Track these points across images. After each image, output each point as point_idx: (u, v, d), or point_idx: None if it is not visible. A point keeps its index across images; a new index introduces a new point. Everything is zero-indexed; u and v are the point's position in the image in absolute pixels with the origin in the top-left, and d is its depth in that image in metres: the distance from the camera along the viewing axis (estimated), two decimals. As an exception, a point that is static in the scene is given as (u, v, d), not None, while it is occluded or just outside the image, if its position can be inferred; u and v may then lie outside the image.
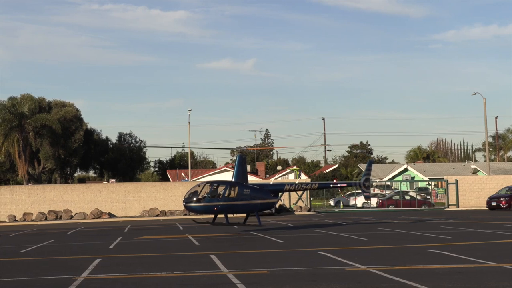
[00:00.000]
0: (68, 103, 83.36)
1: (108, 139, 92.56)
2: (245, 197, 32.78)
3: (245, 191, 32.84)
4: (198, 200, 31.87)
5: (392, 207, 57.59)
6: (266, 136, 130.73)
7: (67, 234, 35.58)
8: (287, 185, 36.84)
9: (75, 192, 54.37)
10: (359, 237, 27.27)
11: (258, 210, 34.00)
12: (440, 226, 33.30)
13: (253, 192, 33.27)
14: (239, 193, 32.60)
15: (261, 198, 33.49)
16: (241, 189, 32.73)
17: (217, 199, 32.09)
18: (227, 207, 32.43)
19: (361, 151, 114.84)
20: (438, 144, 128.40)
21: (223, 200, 32.14)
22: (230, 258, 20.22)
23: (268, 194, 34.13)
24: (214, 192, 32.24)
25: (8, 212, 52.58)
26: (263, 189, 34.47)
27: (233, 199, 32.47)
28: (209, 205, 31.94)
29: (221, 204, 32.09)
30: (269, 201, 34.21)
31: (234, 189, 32.61)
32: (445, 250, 20.98)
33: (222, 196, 32.23)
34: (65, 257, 22.83)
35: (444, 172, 79.74)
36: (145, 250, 24.19)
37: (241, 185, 32.96)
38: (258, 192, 33.59)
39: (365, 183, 36.33)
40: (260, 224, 33.48)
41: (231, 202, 32.39)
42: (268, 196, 34.08)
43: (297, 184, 37.08)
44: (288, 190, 37.22)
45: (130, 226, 40.65)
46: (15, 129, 71.54)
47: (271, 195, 34.34)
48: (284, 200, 56.35)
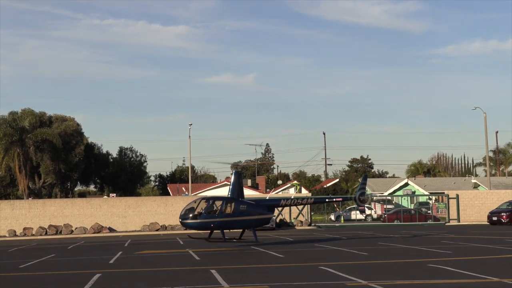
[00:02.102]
0: (68, 117, 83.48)
1: (109, 154, 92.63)
2: (241, 213, 32.62)
3: (242, 207, 32.70)
4: (195, 217, 31.68)
5: (398, 221, 57.52)
6: (266, 151, 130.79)
7: (67, 248, 35.50)
8: (283, 200, 36.80)
9: (75, 207, 54.29)
10: (360, 252, 27.21)
11: (254, 226, 33.94)
12: (441, 241, 33.21)
13: (250, 207, 33.17)
14: (236, 209, 32.47)
15: (257, 214, 33.41)
16: (237, 205, 32.60)
17: (214, 215, 31.96)
18: (223, 223, 32.26)
19: (362, 166, 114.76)
20: (439, 158, 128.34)
21: (220, 216, 32.00)
22: (230, 273, 20.16)
23: (264, 209, 34.06)
24: (211, 208, 32.14)
25: (8, 227, 52.46)
26: (259, 204, 34.43)
27: (230, 215, 32.32)
28: (205, 221, 31.79)
29: (217, 220, 31.94)
30: (265, 216, 34.13)
31: (231, 205, 32.50)
32: (446, 265, 20.92)
33: (219, 212, 32.11)
34: (65, 272, 22.76)
35: (445, 187, 79.60)
36: (145, 265, 24.13)
37: (237, 201, 32.84)
38: (254, 207, 33.50)
39: (361, 197, 36.12)
40: (256, 240, 33.36)
41: (227, 218, 32.22)
42: (265, 211, 34.01)
43: (293, 199, 37.09)
44: (284, 205, 37.17)
45: (131, 241, 40.56)
46: (15, 144, 71.56)
47: (267, 210, 34.29)
48: (284, 215, 56.24)
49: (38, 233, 51.42)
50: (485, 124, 66.60)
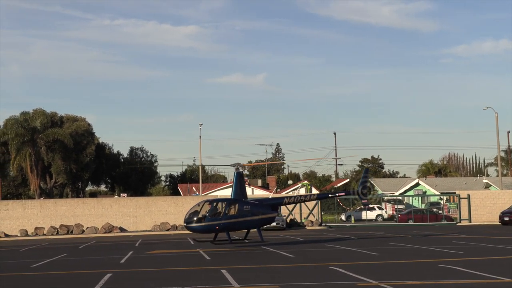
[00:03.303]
0: (80, 117, 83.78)
1: (120, 154, 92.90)
2: (245, 214, 32.59)
3: (245, 208, 32.65)
4: (199, 220, 31.64)
5: (411, 221, 57.39)
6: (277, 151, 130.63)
7: (79, 248, 35.64)
8: (286, 198, 36.75)
9: (86, 207, 54.49)
10: (371, 252, 27.15)
11: (259, 226, 33.94)
12: (452, 241, 33.10)
13: (253, 208, 33.13)
14: (240, 210, 32.41)
15: (261, 214, 33.36)
16: (241, 205, 32.54)
17: (218, 218, 31.89)
18: (228, 225, 32.24)
19: (372, 166, 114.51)
20: (450, 158, 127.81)
21: (224, 218, 31.95)
22: (241, 273, 20.17)
23: (268, 208, 33.98)
24: (215, 211, 32.05)
25: (20, 226, 52.73)
26: (262, 204, 34.42)
27: (234, 217, 32.27)
28: (210, 224, 31.73)
29: (222, 222, 31.90)
30: (269, 215, 34.02)
31: (235, 206, 32.44)
32: (457, 266, 20.84)
33: (223, 214, 32.06)
34: (76, 271, 22.85)
35: (456, 187, 79.26)
36: (156, 265, 24.18)
37: (241, 201, 32.77)
38: (258, 207, 33.46)
39: (363, 191, 35.99)
40: (262, 240, 33.37)
41: (232, 219, 32.18)
42: (269, 210, 33.93)
43: (295, 196, 37.12)
44: (287, 203, 37.06)
45: (141, 241, 40.66)
46: (27, 144, 71.87)
47: (271, 209, 34.20)
48: (295, 215, 56.20)
49: (49, 232, 51.65)
50: (496, 124, 66.34)
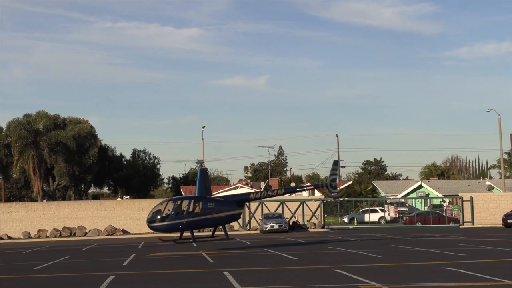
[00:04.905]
0: (82, 120, 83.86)
1: (122, 156, 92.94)
2: (210, 211, 32.17)
3: (210, 205, 32.25)
4: (162, 219, 31.27)
5: (420, 223, 57.39)
6: (279, 153, 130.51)
7: (81, 250, 35.65)
8: (252, 194, 36.22)
9: (89, 209, 54.52)
10: (374, 254, 27.12)
11: (224, 223, 33.57)
12: (455, 244, 33.05)
13: (218, 205, 32.69)
14: (204, 208, 32.02)
15: (227, 211, 32.89)
16: (205, 203, 32.14)
17: (181, 216, 31.54)
18: (192, 223, 31.86)
19: (375, 168, 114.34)
20: (453, 161, 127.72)
21: (187, 216, 31.60)
22: (244, 275, 20.16)
23: (233, 205, 33.50)
24: (178, 209, 31.69)
25: (22, 229, 52.78)
26: (227, 200, 34.01)
27: (198, 215, 31.89)
28: (173, 223, 31.37)
29: (185, 220, 31.54)
30: (235, 212, 33.48)
31: (198, 204, 32.05)
32: (460, 268, 20.81)
33: (186, 212, 31.67)
34: (79, 274, 22.86)
35: (459, 189, 79.19)
36: (159, 267, 24.18)
37: (204, 199, 32.33)
38: (223, 204, 33.03)
39: (332, 183, 35.46)
40: (227, 237, 33.21)
41: (196, 217, 31.83)
42: (234, 207, 33.43)
43: (262, 191, 36.37)
44: (254, 199, 36.49)
45: (144, 243, 40.67)
46: (30, 146, 71.96)
47: (236, 206, 33.68)
48: (297, 217, 56.20)
49: (52, 235, 51.69)
50: (499, 126, 66.24)
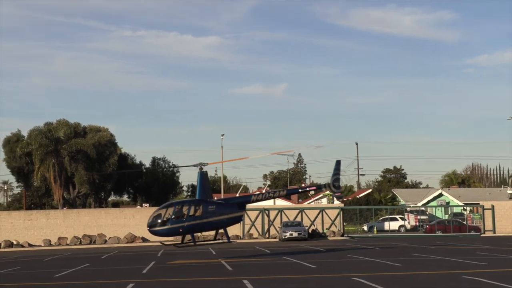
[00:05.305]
0: (102, 128, 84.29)
1: (142, 164, 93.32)
2: (210, 214, 31.89)
3: (210, 208, 31.97)
4: (163, 223, 31.16)
5: (440, 232, 57.02)
6: (299, 161, 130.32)
7: (101, 258, 35.80)
8: (253, 196, 36.00)
9: (109, 217, 54.76)
10: (394, 263, 26.95)
11: (225, 226, 33.06)
12: (476, 252, 32.75)
13: (219, 208, 32.43)
14: (204, 211, 31.75)
15: (227, 213, 32.59)
16: (205, 206, 31.86)
17: (182, 220, 31.34)
18: (193, 227, 31.64)
19: (395, 176, 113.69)
20: (473, 169, 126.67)
21: (188, 220, 31.40)
22: (263, 284, 20.13)
23: (234, 208, 33.16)
24: (178, 213, 31.49)
25: (43, 236, 53.11)
26: (228, 203, 33.81)
27: (199, 218, 31.63)
28: (173, 227, 31.23)
29: (186, 224, 31.34)
30: (236, 214, 33.13)
31: (199, 207, 31.83)
32: (481, 277, 20.61)
33: (187, 216, 31.48)
34: (99, 281, 22.94)
35: (479, 198, 78.42)
36: (178, 275, 24.23)
37: (205, 202, 32.07)
38: (224, 207, 32.81)
39: (335, 183, 34.96)
40: (229, 241, 32.92)
41: (196, 221, 31.59)
42: (235, 210, 33.07)
43: (264, 193, 35.94)
44: (255, 201, 36.12)
45: (163, 251, 40.76)
46: (51, 154, 72.51)
47: (237, 208, 33.32)
48: (317, 225, 56.02)
49: (72, 242, 51.96)
50: (520, 133, 65.60)
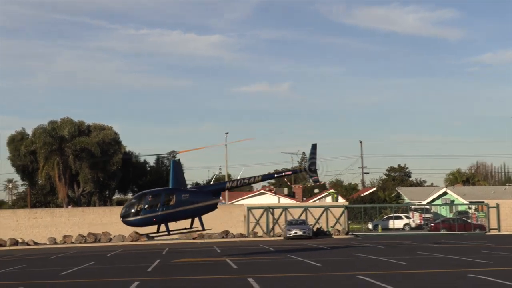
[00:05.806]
0: (107, 126, 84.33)
1: (146, 162, 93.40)
2: (184, 203, 31.53)
3: (184, 197, 31.62)
4: (136, 213, 30.91)
5: (445, 230, 56.97)
6: (303, 159, 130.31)
7: (106, 256, 35.86)
8: (228, 183, 35.78)
9: (113, 215, 54.70)
10: (398, 261, 26.93)
11: (200, 214, 32.57)
12: (482, 251, 32.70)
13: (193, 196, 32.10)
14: (178, 200, 31.43)
15: (202, 201, 32.26)
16: (179, 195, 31.54)
17: (155, 209, 31.04)
18: (166, 216, 31.29)
19: (399, 174, 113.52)
20: (478, 167, 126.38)
21: (161, 209, 31.08)
22: (268, 282, 20.14)
23: (208, 195, 32.85)
24: (152, 202, 31.23)
25: (48, 235, 53.20)
26: (202, 191, 33.57)
27: (172, 207, 31.33)
28: (147, 216, 30.96)
29: (159, 214, 31.02)
30: (210, 202, 32.80)
31: (172, 196, 31.53)
32: (487, 275, 20.59)
33: (160, 205, 31.16)
34: (104, 279, 23.00)
35: (484, 196, 78.27)
36: (183, 273, 24.25)
37: (178, 190, 31.75)
38: (197, 195, 32.49)
39: (311, 167, 34.53)
40: (203, 228, 32.44)
41: (170, 210, 31.27)
42: (209, 197, 32.79)
43: (239, 179, 35.11)
44: (230, 188, 35.91)
45: (168, 249, 40.81)
46: (55, 152, 72.57)
47: (212, 196, 33.02)
48: (321, 224, 55.98)
49: (77, 241, 52.06)
50: (525, 132, 65.49)
